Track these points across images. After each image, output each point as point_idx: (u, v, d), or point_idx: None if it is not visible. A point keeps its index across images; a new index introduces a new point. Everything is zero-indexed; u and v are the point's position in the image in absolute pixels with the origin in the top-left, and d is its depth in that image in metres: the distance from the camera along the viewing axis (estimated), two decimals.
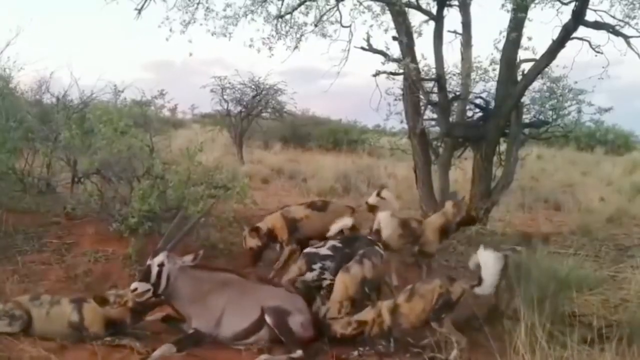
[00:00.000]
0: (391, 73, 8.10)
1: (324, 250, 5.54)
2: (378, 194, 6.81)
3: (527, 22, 7.69)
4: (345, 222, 6.04)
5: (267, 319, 4.61)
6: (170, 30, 8.35)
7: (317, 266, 5.41)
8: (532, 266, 5.45)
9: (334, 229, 6.01)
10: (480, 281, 4.50)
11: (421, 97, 8.24)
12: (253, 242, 6.43)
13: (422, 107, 8.62)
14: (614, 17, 7.35)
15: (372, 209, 6.78)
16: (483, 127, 8.47)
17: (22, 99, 9.55)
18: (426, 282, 4.83)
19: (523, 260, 5.75)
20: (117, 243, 6.61)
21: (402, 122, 9.29)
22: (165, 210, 6.72)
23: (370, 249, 5.40)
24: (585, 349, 3.98)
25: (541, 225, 10.24)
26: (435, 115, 8.88)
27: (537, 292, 4.89)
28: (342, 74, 8.62)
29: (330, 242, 5.67)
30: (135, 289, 4.52)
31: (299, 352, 4.41)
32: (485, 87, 9.17)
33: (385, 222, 5.98)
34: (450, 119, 8.52)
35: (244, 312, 4.69)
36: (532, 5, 7.28)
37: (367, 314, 4.72)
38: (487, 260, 4.51)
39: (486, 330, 4.55)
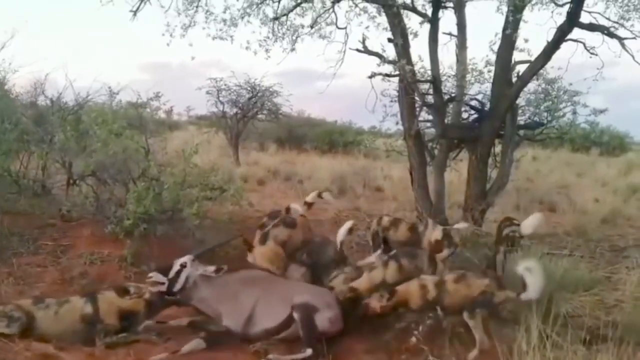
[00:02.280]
0: (387, 75, 8.11)
1: None
2: (319, 195, 6.88)
3: (522, 24, 7.71)
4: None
5: (295, 314, 4.60)
6: (171, 35, 8.34)
7: None
8: None
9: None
10: (525, 287, 4.50)
11: (416, 98, 8.24)
12: None
13: (418, 109, 8.64)
14: (608, 19, 7.38)
15: (310, 206, 6.87)
16: (478, 129, 8.49)
17: (16, 101, 9.52)
18: (479, 276, 4.80)
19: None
20: (112, 245, 6.59)
21: (397, 123, 9.29)
22: (161, 212, 6.72)
23: (404, 251, 5.50)
24: (581, 350, 3.99)
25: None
26: (430, 117, 8.88)
27: None
28: (338, 75, 8.62)
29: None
30: (151, 277, 4.67)
31: (308, 351, 4.40)
32: (480, 88, 9.18)
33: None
34: (446, 121, 8.53)
35: (275, 309, 4.70)
36: (528, 7, 7.30)
37: (407, 285, 4.75)
38: (532, 267, 4.52)
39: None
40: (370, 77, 7.91)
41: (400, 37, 7.91)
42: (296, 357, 4.39)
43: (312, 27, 8.46)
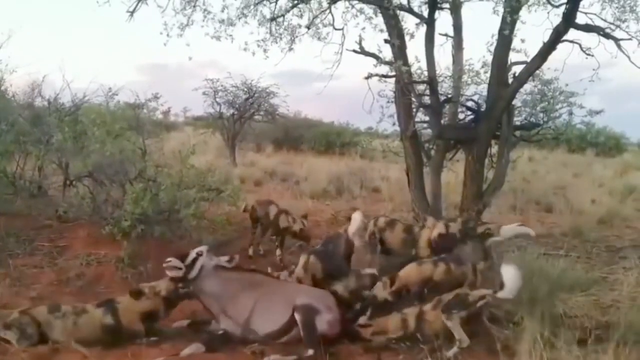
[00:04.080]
0: (383, 76, 8.11)
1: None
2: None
3: (518, 25, 7.70)
4: None
5: (296, 316, 4.65)
6: (168, 35, 8.31)
7: None
8: (524, 268, 5.47)
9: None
10: (502, 286, 4.56)
11: (413, 99, 8.24)
12: None
13: (414, 110, 8.64)
14: (604, 20, 7.38)
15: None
16: (475, 130, 8.48)
17: (13, 102, 9.51)
18: (450, 293, 4.89)
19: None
20: (109, 246, 6.59)
21: (394, 124, 9.28)
22: (158, 213, 6.71)
23: (452, 256, 5.64)
24: (577, 350, 4.00)
25: (533, 227, 10.27)
26: (427, 118, 8.88)
27: (529, 293, 4.92)
28: (335, 76, 8.59)
29: None
30: (169, 261, 4.75)
31: (310, 352, 4.44)
32: (476, 89, 9.16)
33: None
34: (442, 122, 8.52)
35: (275, 313, 4.75)
36: (525, 7, 7.30)
37: (390, 321, 4.84)
38: (509, 267, 4.59)
39: (480, 332, 4.58)
40: (367, 78, 7.90)
41: (396, 38, 7.91)
42: (298, 357, 4.42)
43: (308, 27, 8.46)
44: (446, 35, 8.74)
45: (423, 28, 8.20)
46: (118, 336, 4.58)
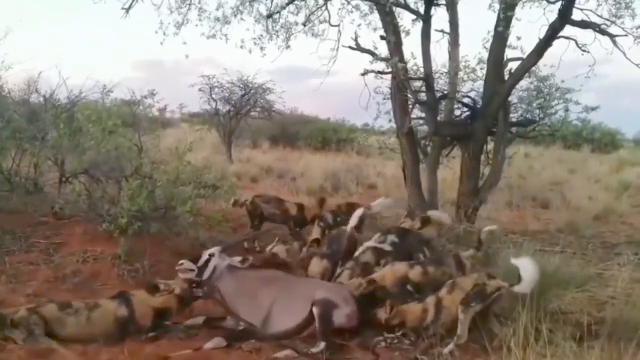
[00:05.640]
0: (379, 72, 8.14)
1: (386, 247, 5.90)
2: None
3: (514, 21, 7.73)
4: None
5: (314, 309, 4.66)
6: (164, 33, 8.33)
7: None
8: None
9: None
10: (519, 280, 4.54)
11: (409, 96, 8.26)
12: None
13: (410, 106, 8.66)
14: (600, 16, 7.41)
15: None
16: (471, 126, 8.51)
17: (9, 99, 9.46)
18: (467, 276, 4.97)
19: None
20: (105, 243, 6.56)
21: (390, 121, 9.31)
22: (154, 210, 6.70)
23: (431, 257, 5.72)
24: (573, 346, 4.01)
25: (529, 223, 10.31)
26: (423, 114, 8.90)
27: None
28: (331, 72, 8.66)
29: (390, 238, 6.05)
30: (182, 264, 4.80)
31: (321, 345, 4.46)
32: (473, 86, 9.22)
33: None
34: (438, 118, 8.54)
35: (295, 309, 4.75)
36: (520, 4, 7.32)
37: (410, 307, 4.83)
38: (525, 261, 4.59)
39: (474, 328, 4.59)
40: (363, 74, 7.93)
41: (392, 34, 7.93)
42: (310, 351, 4.44)
43: (305, 24, 8.47)
44: (442, 31, 8.77)
45: (419, 24, 8.23)
46: (128, 329, 4.58)
